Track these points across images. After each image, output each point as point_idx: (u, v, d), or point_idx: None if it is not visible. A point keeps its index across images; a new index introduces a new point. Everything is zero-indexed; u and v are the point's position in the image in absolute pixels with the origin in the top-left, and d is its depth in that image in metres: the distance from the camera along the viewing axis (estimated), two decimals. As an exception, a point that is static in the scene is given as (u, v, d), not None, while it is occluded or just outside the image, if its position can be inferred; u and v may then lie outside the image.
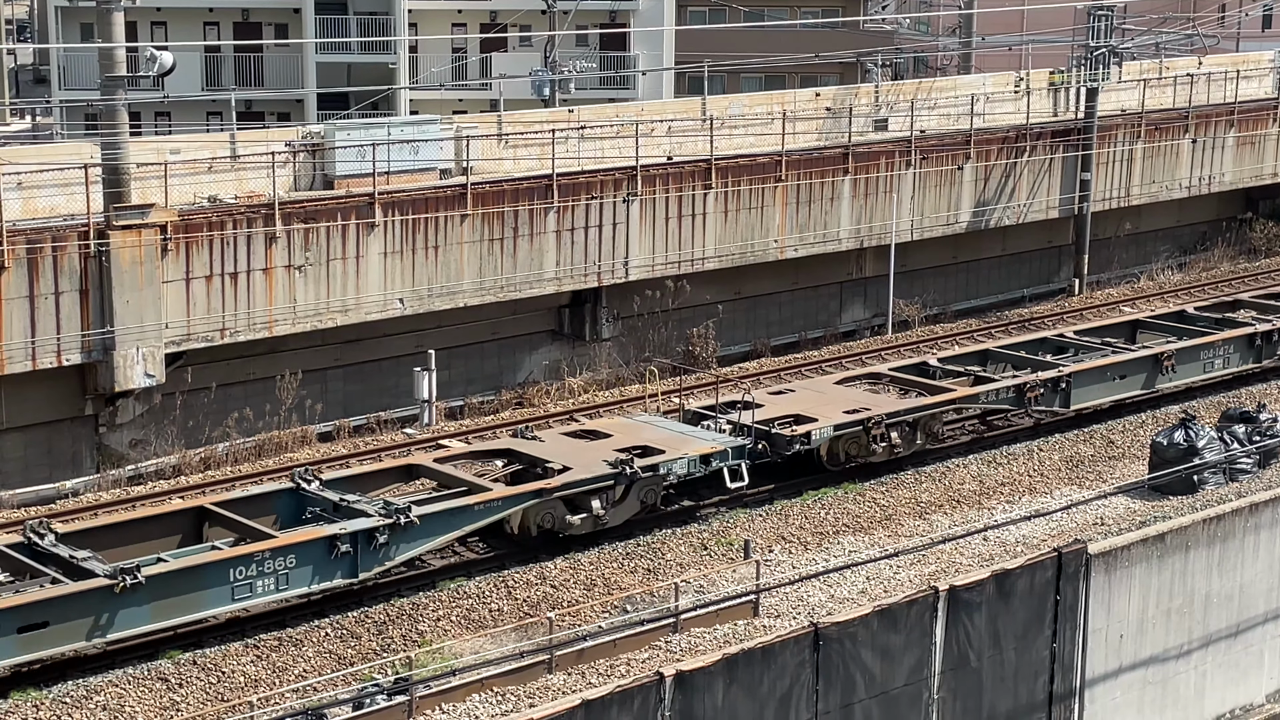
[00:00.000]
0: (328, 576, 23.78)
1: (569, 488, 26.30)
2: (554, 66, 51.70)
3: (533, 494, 25.99)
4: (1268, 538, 28.30)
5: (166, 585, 22.41)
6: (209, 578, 22.76)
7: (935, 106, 45.12)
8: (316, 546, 23.60)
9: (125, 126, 30.48)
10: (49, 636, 21.58)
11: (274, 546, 23.32)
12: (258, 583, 23.08)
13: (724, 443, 27.95)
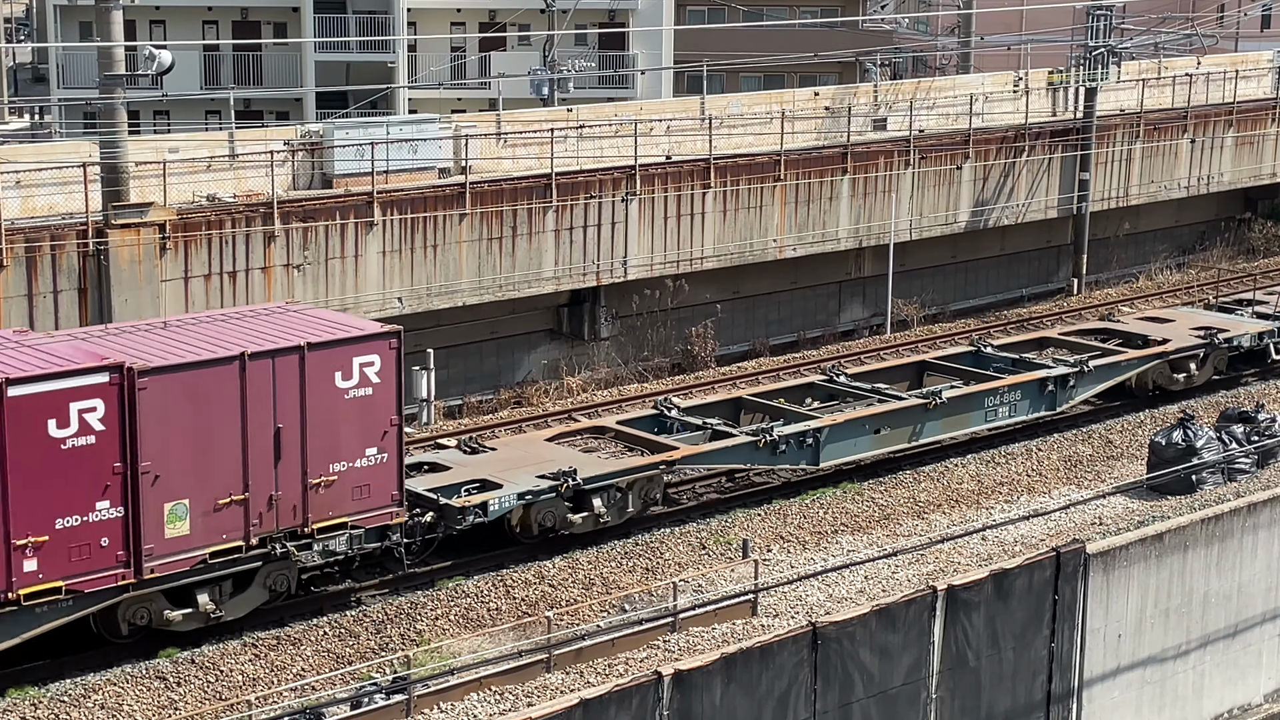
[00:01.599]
0: (1038, 409, 32.26)
1: (1175, 354, 34.40)
2: (553, 66, 51.71)
3: (1152, 357, 34.13)
4: (1266, 537, 28.31)
5: (952, 407, 30.71)
6: (974, 403, 31.18)
7: (934, 106, 45.14)
8: (1033, 386, 31.92)
9: (124, 125, 30.47)
10: (886, 439, 30.01)
11: (1010, 384, 31.72)
12: (1000, 409, 31.62)
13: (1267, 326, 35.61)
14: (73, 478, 21.39)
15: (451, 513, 25.11)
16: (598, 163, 37.42)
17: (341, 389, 23.41)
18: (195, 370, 22.26)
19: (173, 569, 22.40)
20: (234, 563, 23.05)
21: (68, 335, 23.98)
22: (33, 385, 20.96)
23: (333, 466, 23.50)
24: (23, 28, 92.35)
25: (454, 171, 36.32)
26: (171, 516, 22.23)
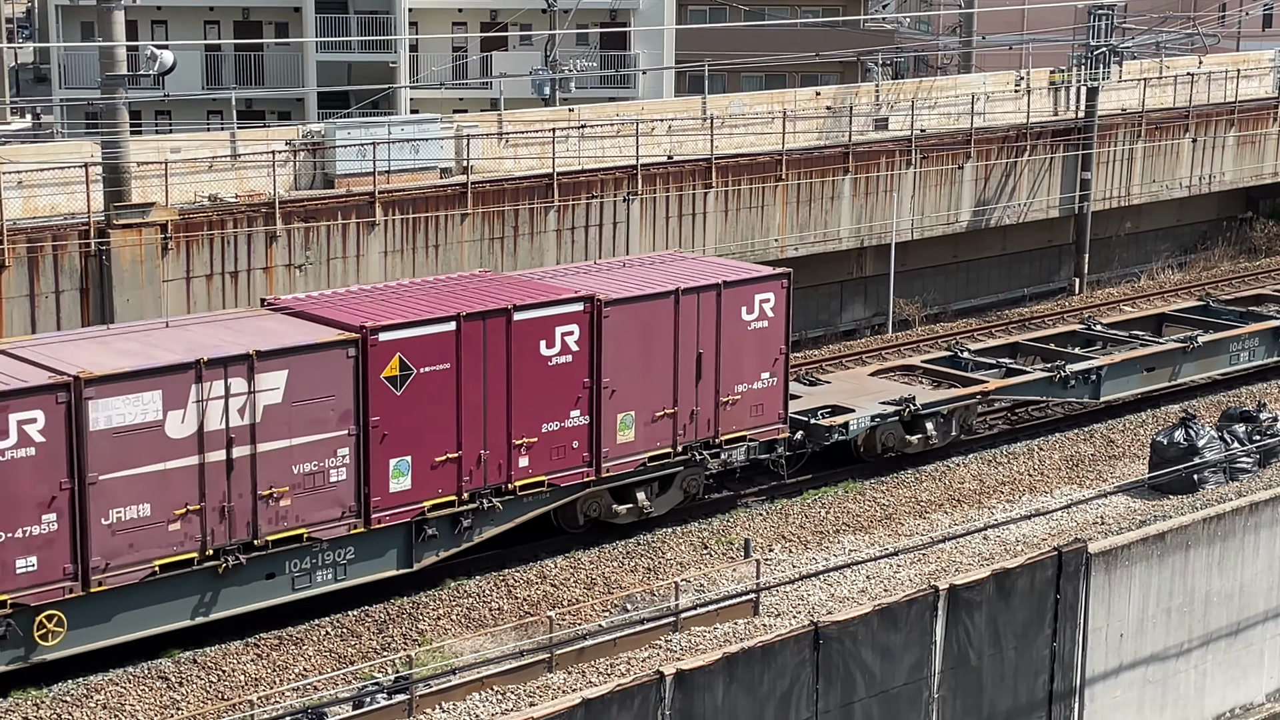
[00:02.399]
0: (1272, 354, 36.15)
1: None
2: (554, 65, 51.72)
3: None
4: (1268, 537, 28.30)
5: (1205, 350, 34.83)
6: (1222, 348, 35.22)
7: (935, 106, 45.14)
8: (1267, 334, 35.95)
9: (125, 125, 30.49)
10: (1152, 377, 33.97)
11: (1249, 331, 35.59)
12: (1241, 354, 35.57)
13: None
14: (555, 390, 25.53)
15: (819, 431, 29.21)
16: (599, 162, 37.43)
17: (746, 321, 27.62)
18: (643, 302, 26.51)
19: (621, 469, 26.63)
20: (663, 467, 27.19)
21: (545, 272, 29.19)
22: (531, 312, 25.20)
23: (737, 388, 27.67)
24: (23, 29, 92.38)
25: (455, 171, 36.33)
26: (621, 425, 26.41)
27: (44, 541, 21.10)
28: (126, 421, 21.54)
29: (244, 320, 24.60)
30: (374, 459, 23.72)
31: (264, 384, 22.63)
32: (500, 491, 25.16)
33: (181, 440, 22.04)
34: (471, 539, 25.18)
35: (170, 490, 21.99)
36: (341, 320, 24.06)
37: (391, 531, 24.24)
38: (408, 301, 25.44)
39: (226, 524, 22.55)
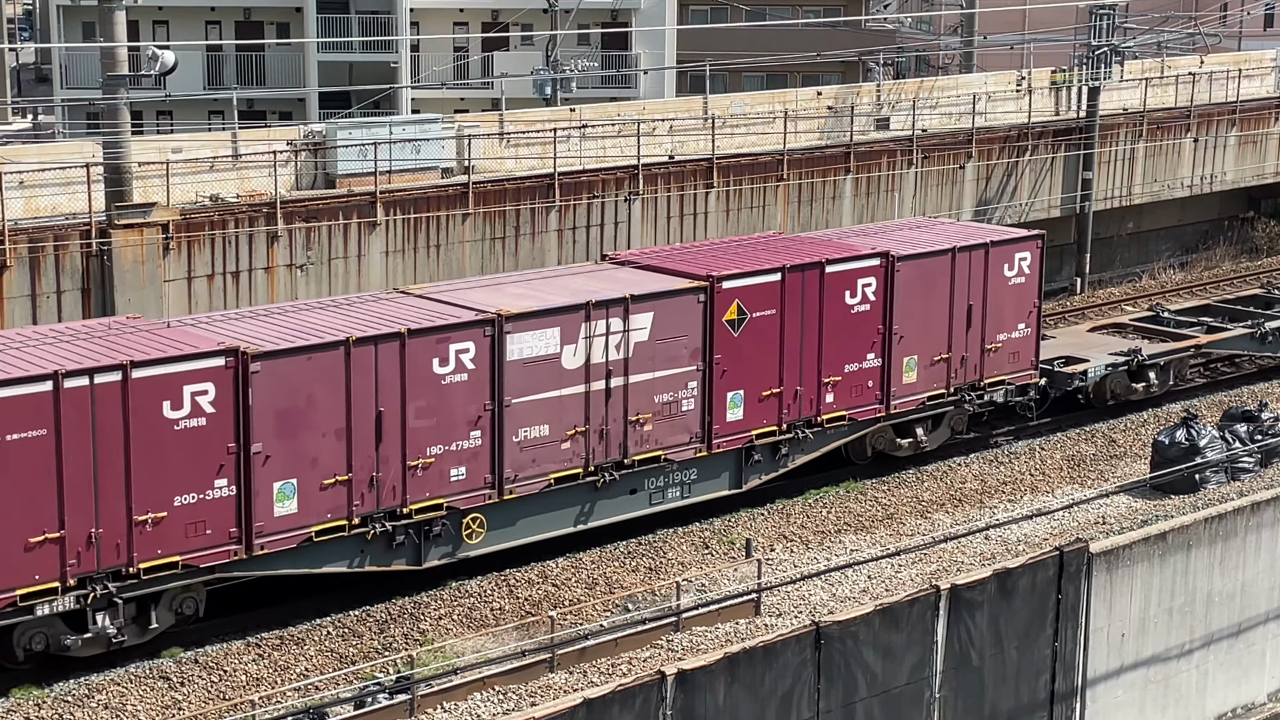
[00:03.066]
0: None
1: None
2: (556, 65, 51.72)
3: None
4: (1269, 537, 28.29)
5: None
6: None
7: (937, 105, 45.13)
8: None
9: (127, 125, 30.50)
10: None
11: None
12: None
13: None
14: (856, 335, 29.15)
15: (1062, 378, 32.84)
16: (600, 162, 37.43)
17: (1007, 277, 31.13)
18: (927, 258, 30.05)
19: (905, 407, 30.26)
20: (937, 406, 30.71)
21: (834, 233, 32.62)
22: (840, 265, 28.68)
23: (999, 336, 31.21)
24: (22, 30, 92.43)
25: (457, 171, 36.33)
26: (907, 368, 29.86)
27: (471, 454, 24.84)
28: (533, 353, 25.41)
29: (601, 272, 28.53)
30: (716, 392, 27.55)
31: (635, 324, 26.48)
32: (810, 424, 28.85)
33: (573, 370, 25.87)
34: (786, 465, 28.92)
35: (564, 414, 25.81)
36: (689, 271, 27.82)
37: (726, 456, 28.13)
38: (731, 256, 29.11)
39: (604, 444, 26.34)
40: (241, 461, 22.61)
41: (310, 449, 23.26)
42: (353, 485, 23.63)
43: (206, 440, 22.23)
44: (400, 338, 23.94)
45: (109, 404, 21.48)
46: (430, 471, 24.39)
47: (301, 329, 23.87)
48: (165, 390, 21.86)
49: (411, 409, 24.10)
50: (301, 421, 23.13)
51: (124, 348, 22.35)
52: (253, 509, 22.79)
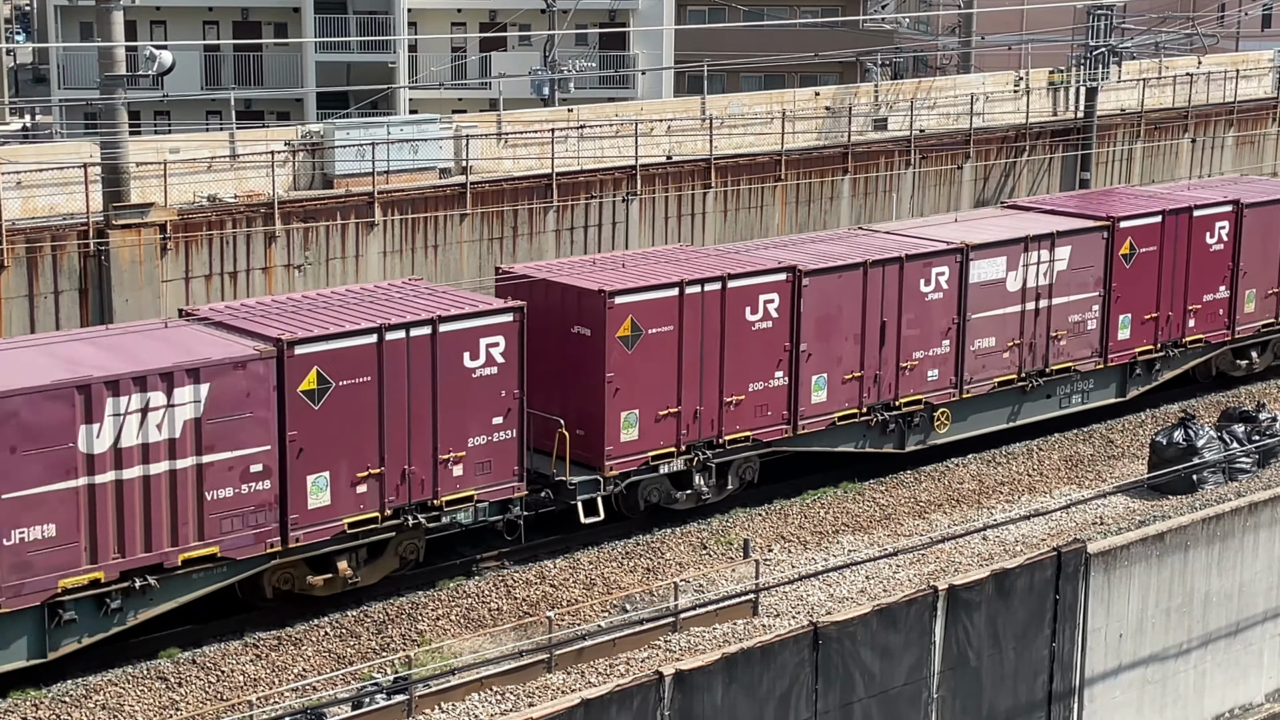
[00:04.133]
0: None
1: None
2: (553, 66, 51.72)
3: None
4: (1267, 537, 28.31)
5: None
6: None
7: (935, 106, 45.14)
8: None
9: (124, 125, 30.48)
10: None
11: None
12: None
13: None
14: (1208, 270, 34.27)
15: None
16: (598, 163, 37.43)
17: (1208, 244, 34.31)
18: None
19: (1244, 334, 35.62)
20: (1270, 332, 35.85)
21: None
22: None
23: (1205, 297, 34.43)
24: (20, 32, 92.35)
25: (455, 172, 36.33)
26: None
27: (942, 359, 30.46)
28: (987, 278, 30.76)
29: (1006, 215, 33.83)
30: (1112, 314, 32.76)
31: (1058, 256, 31.71)
32: (1177, 344, 34.17)
33: (1013, 293, 31.21)
34: (1157, 379, 34.13)
35: (1005, 329, 31.20)
36: (1088, 212, 33.03)
37: (1115, 370, 33.43)
38: (1124, 200, 34.73)
39: (1031, 355, 31.65)
40: (793, 358, 28.29)
41: (836, 350, 29.01)
42: (863, 381, 29.41)
43: (772, 340, 28.00)
44: (900, 261, 29.56)
45: (711, 307, 27.17)
46: (914, 372, 30.09)
47: (829, 255, 29.36)
48: (746, 298, 27.64)
49: (905, 320, 29.76)
50: (831, 327, 28.86)
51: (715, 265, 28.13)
52: (798, 396, 28.45)
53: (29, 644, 21.52)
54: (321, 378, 23.02)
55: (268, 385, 22.49)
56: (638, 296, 26.35)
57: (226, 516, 22.50)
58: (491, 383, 24.56)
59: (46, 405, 20.92)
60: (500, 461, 24.94)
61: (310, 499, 23.17)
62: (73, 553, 21.31)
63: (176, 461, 21.95)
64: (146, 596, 22.20)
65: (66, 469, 21.13)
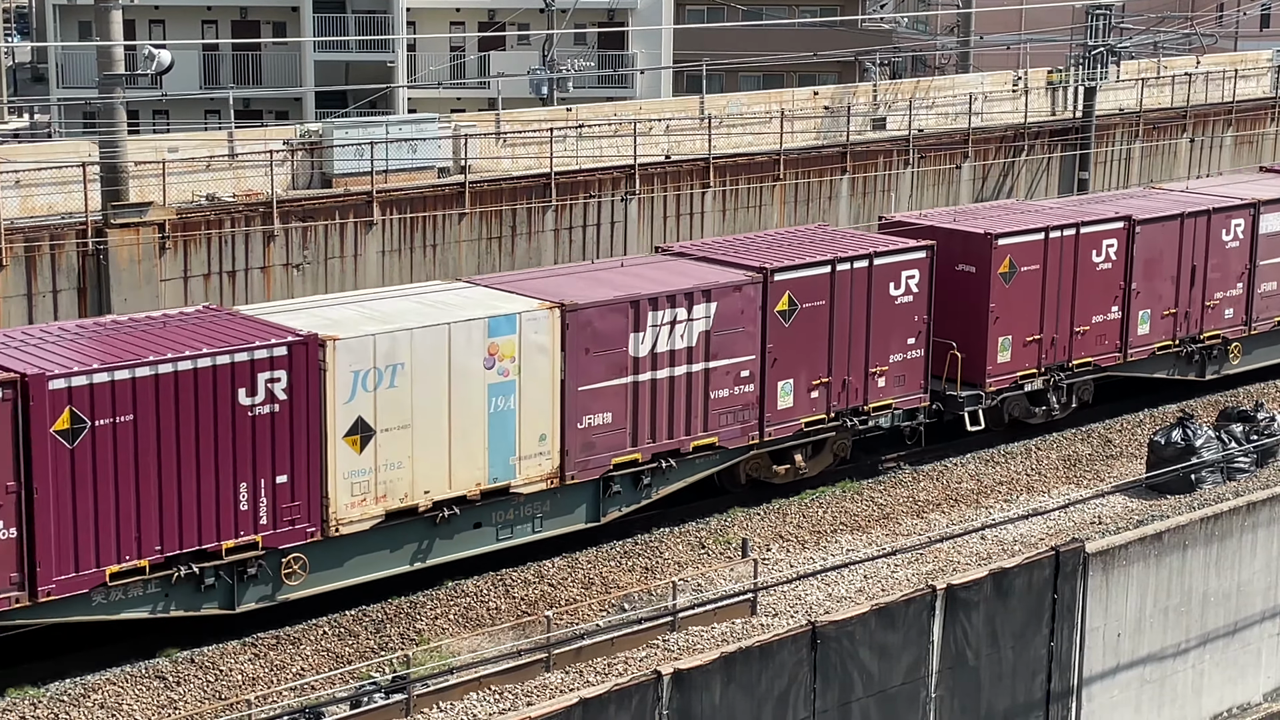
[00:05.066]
0: None
1: None
2: (552, 65, 51.73)
3: None
4: (1265, 536, 28.32)
5: None
6: None
7: (933, 105, 45.16)
8: None
9: (123, 125, 30.49)
10: None
11: None
12: None
13: None
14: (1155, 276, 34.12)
15: None
16: (597, 162, 37.44)
17: None
18: None
19: None
20: None
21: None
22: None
23: None
24: (12, 34, 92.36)
25: (453, 171, 36.33)
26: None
27: (1236, 300, 34.75)
28: (1273, 230, 34.97)
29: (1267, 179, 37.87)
30: None
31: None
32: None
33: None
34: None
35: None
36: None
37: None
38: None
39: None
40: (1126, 295, 32.65)
41: (1158, 289, 33.25)
42: (1177, 316, 33.74)
43: (1110, 279, 32.58)
44: (1208, 214, 34.15)
45: (1068, 250, 31.77)
46: (1215, 310, 34.34)
47: (1150, 209, 33.55)
48: (1093, 243, 32.17)
49: (1210, 265, 33.89)
50: (1155, 270, 33.06)
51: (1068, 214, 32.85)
52: (1128, 328, 32.97)
53: (587, 510, 26.41)
54: (791, 300, 27.89)
55: (755, 305, 27.42)
56: (1015, 239, 31.23)
57: (723, 413, 27.38)
58: (908, 309, 29.42)
59: (610, 316, 25.71)
60: (910, 376, 29.81)
61: (779, 401, 28.13)
62: (621, 437, 26.18)
63: (691, 366, 26.85)
64: (666, 476, 27.08)
65: (620, 368, 25.95)
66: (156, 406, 21.50)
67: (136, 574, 21.83)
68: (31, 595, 21.04)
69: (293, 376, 22.51)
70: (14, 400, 20.51)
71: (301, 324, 23.44)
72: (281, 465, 22.58)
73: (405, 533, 24.23)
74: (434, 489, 24.12)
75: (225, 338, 22.64)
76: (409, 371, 23.62)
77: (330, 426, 22.98)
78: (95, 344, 22.18)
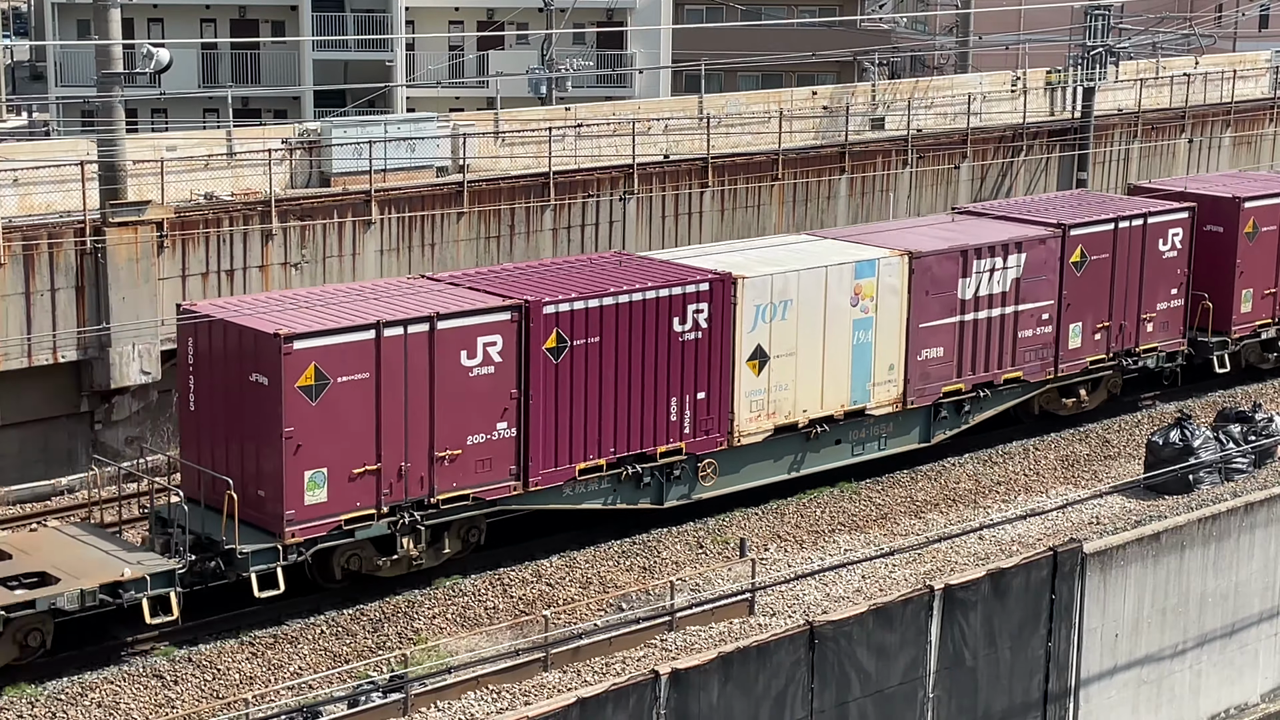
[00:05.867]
0: None
1: None
2: (551, 65, 51.69)
3: None
4: (1263, 537, 28.32)
5: None
6: None
7: (932, 105, 45.12)
8: None
9: (122, 123, 30.44)
10: None
11: None
12: None
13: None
14: None
15: None
16: (595, 162, 37.39)
17: None
18: None
19: None
20: None
21: None
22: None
23: None
24: (8, 35, 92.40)
25: (452, 170, 36.29)
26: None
27: None
28: None
29: None
30: None
31: None
32: None
33: None
34: None
35: None
36: None
37: None
38: None
39: None
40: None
41: None
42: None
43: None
44: None
45: None
46: None
47: None
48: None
49: None
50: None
51: None
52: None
53: (920, 432, 30.80)
54: (1083, 253, 32.34)
55: (1055, 257, 31.79)
56: (1259, 203, 35.72)
57: (1027, 350, 31.69)
58: (1172, 263, 33.80)
59: (945, 263, 30.23)
60: (1172, 323, 34.17)
61: (1070, 342, 32.43)
62: (949, 368, 30.61)
63: (1005, 308, 31.18)
64: (981, 405, 31.44)
65: (951, 309, 30.44)
66: (616, 331, 26.18)
67: (595, 471, 26.40)
68: (525, 485, 25.62)
69: (712, 308, 27.22)
70: (518, 322, 25.17)
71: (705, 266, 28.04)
72: (700, 384, 27.24)
73: (786, 445, 28.80)
74: (810, 408, 28.75)
75: (653, 277, 27.25)
76: (796, 307, 28.34)
77: (736, 352, 27.65)
78: (566, 279, 27.11)
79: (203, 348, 24.43)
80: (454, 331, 24.51)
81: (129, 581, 22.21)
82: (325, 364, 23.36)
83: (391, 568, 24.72)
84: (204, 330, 24.42)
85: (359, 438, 23.75)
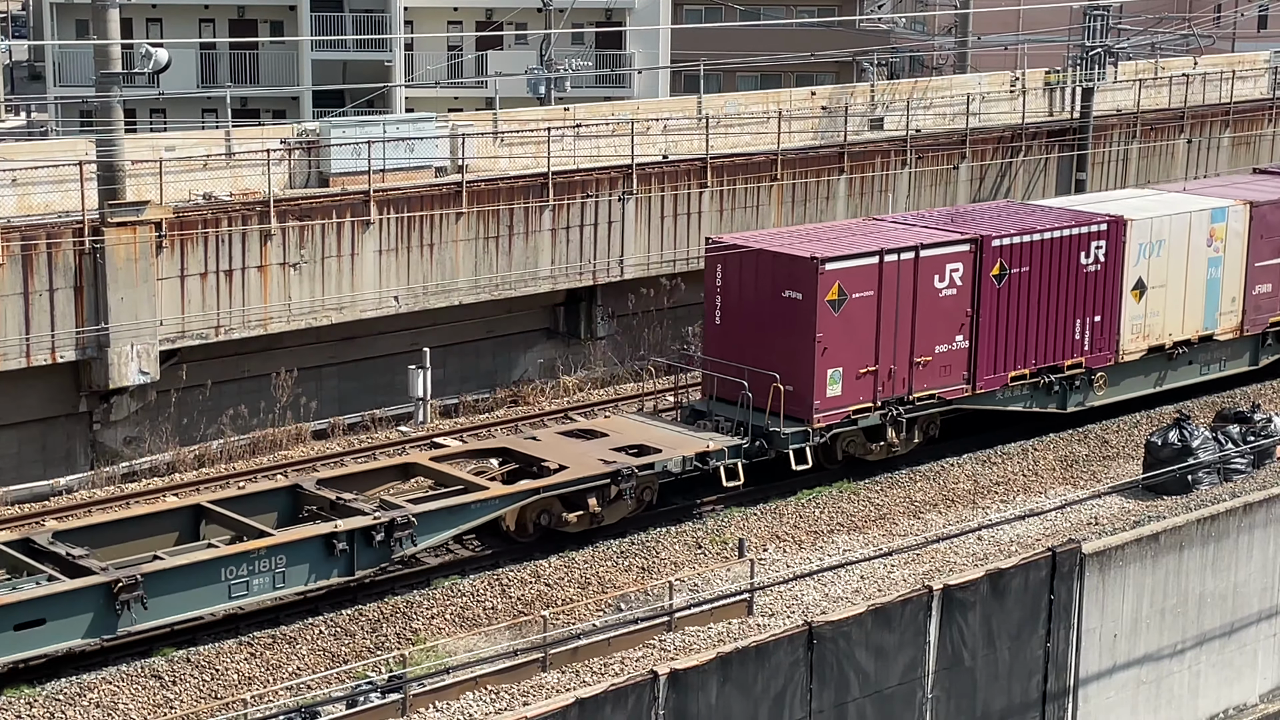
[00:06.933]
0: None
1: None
2: (550, 65, 51.70)
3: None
4: (1261, 537, 28.32)
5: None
6: None
7: (931, 106, 45.13)
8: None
9: (120, 123, 30.44)
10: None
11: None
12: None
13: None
14: None
15: None
16: (594, 162, 37.40)
17: None
18: None
19: None
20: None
21: None
22: None
23: None
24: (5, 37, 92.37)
25: (451, 170, 36.30)
26: None
27: None
28: None
29: None
30: None
31: None
32: None
33: None
34: None
35: None
36: None
37: None
38: None
39: None
40: None
41: None
42: None
43: None
44: None
45: None
46: None
47: None
48: None
49: None
50: None
51: None
52: None
53: (1249, 357, 36.16)
54: None
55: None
56: None
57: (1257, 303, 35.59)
58: None
59: (1276, 211, 35.21)
60: None
61: None
62: (1275, 302, 35.67)
63: None
64: None
65: (1277, 249, 35.24)
66: (1040, 262, 31.38)
67: (1020, 379, 31.67)
68: (972, 387, 30.97)
69: (1109, 245, 32.42)
70: (974, 254, 30.46)
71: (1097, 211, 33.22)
72: (1096, 309, 32.48)
73: (1154, 364, 34.08)
74: (1174, 332, 34.01)
75: (1064, 219, 32.49)
76: (1167, 246, 33.43)
77: (1124, 282, 32.84)
78: (997, 219, 32.45)
79: (732, 272, 29.70)
80: (931, 259, 29.92)
81: (713, 451, 27.86)
82: (845, 283, 28.77)
83: (878, 452, 29.97)
84: (735, 258, 29.59)
85: (863, 344, 29.16)
